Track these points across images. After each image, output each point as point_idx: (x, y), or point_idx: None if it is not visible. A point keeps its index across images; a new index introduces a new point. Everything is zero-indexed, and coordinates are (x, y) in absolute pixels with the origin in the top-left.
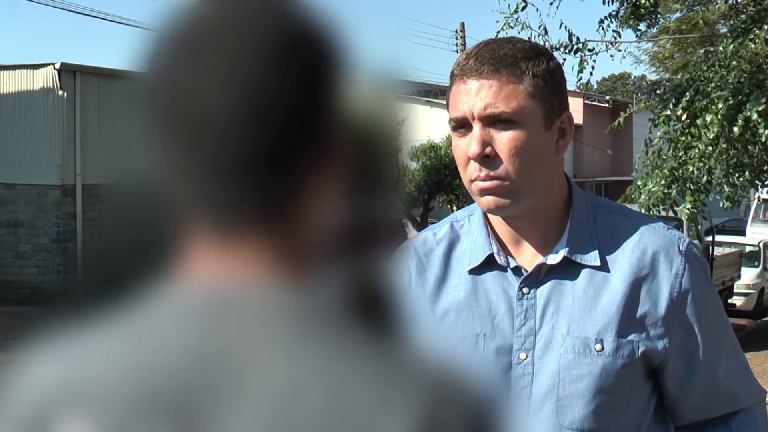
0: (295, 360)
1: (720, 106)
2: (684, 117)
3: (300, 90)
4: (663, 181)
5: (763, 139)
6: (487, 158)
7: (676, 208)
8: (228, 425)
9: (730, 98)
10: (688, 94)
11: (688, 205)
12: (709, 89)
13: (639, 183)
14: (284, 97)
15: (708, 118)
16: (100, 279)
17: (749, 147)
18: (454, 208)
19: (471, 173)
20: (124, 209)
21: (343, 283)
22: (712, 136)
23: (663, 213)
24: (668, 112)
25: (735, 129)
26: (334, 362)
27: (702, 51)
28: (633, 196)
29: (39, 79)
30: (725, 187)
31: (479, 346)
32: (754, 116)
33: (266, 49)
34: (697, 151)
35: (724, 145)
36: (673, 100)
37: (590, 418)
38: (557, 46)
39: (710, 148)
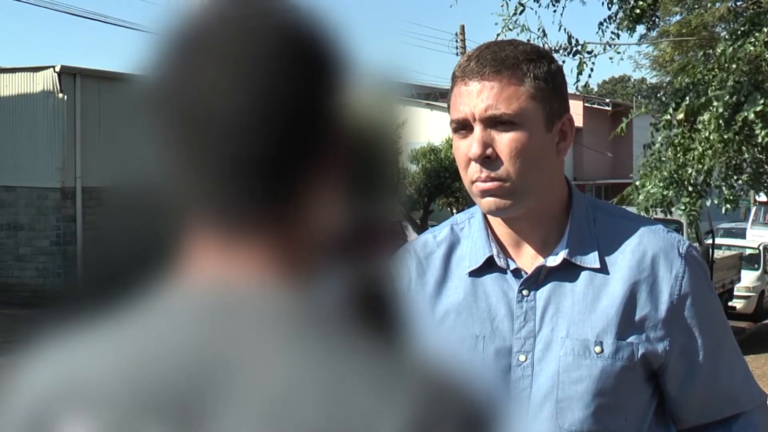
0: (294, 361)
1: (717, 106)
2: (683, 119)
3: (303, 93)
4: (662, 183)
5: (760, 140)
6: (488, 159)
7: (672, 209)
8: (226, 425)
9: (728, 98)
10: (688, 98)
11: (682, 207)
12: (708, 91)
13: (638, 184)
14: (287, 100)
15: (705, 117)
16: (100, 281)
17: (745, 148)
18: (454, 210)
19: (472, 174)
20: (125, 211)
21: (344, 285)
22: (707, 135)
23: (662, 215)
24: (668, 117)
25: (732, 129)
26: (332, 364)
27: (701, 54)
28: (632, 197)
29: (39, 82)
30: (723, 189)
31: (479, 348)
32: (751, 116)
33: (270, 53)
34: (695, 153)
35: (720, 146)
36: (673, 105)
37: (590, 420)
38: (556, 48)
39: (709, 150)
